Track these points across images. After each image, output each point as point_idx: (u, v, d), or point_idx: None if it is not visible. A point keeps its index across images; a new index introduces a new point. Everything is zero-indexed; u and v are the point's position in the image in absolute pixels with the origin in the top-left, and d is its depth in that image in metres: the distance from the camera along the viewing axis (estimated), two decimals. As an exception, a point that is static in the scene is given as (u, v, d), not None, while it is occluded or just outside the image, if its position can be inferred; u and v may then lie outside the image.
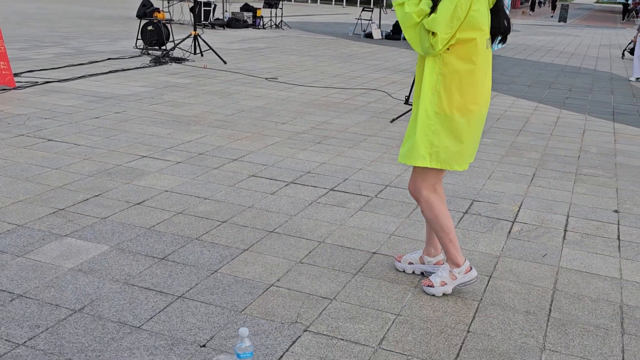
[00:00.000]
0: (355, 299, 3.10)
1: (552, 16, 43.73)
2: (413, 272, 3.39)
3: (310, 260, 3.52)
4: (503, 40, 3.08)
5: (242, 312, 2.92)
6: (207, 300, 3.02)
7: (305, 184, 4.85)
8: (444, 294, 3.18)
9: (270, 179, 4.94)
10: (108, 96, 7.81)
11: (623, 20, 47.05)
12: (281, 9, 20.73)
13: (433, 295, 3.18)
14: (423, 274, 3.38)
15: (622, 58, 17.00)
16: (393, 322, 2.92)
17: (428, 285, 3.18)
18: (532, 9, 47.56)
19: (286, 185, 4.80)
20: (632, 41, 16.40)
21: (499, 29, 2.96)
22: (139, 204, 4.23)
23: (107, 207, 4.13)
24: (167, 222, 3.94)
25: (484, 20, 2.82)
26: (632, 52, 16.45)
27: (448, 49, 2.81)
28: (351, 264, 3.50)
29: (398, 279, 3.34)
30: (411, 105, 8.19)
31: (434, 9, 2.74)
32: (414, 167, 3.09)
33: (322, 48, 15.19)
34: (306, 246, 3.70)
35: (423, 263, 3.37)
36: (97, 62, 10.57)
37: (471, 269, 3.17)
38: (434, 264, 3.35)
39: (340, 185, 4.87)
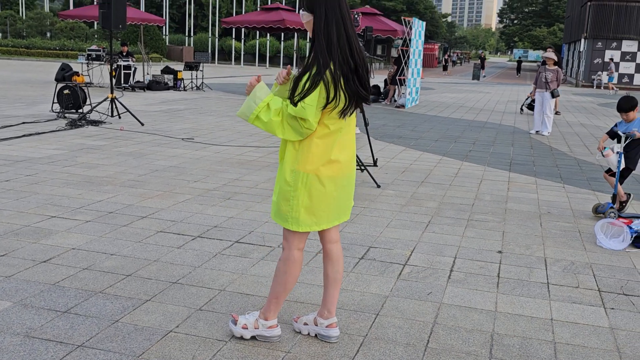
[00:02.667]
0: (250, 340, 3.32)
1: (484, 75, 45.51)
2: (308, 334, 3.42)
3: (210, 307, 3.72)
4: (360, 105, 3.19)
5: (140, 357, 3.08)
6: (106, 347, 3.17)
7: (212, 238, 5.07)
8: (242, 337, 3.31)
9: (178, 234, 5.13)
10: (20, 159, 7.85)
11: (517, 74, 50.04)
12: (202, 71, 21.12)
13: (230, 331, 3.35)
14: (317, 336, 3.41)
15: (521, 113, 18.11)
16: (283, 358, 3.14)
17: (232, 320, 3.34)
18: (445, 68, 49.81)
19: (193, 240, 5.00)
20: (528, 96, 17.53)
21: (358, 95, 3.05)
22: (44, 262, 4.34)
23: (11, 266, 4.22)
24: (72, 278, 4.06)
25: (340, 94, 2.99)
26: (529, 107, 17.60)
27: None
28: (248, 309, 3.72)
29: (291, 321, 3.58)
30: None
31: (294, 91, 2.98)
32: None
33: (241, 108, 15.58)
34: (207, 295, 3.90)
35: (316, 325, 3.40)
36: (11, 126, 10.55)
37: (277, 326, 3.31)
38: (326, 327, 3.37)
39: (245, 238, 5.11)
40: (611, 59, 34.27)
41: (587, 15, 36.75)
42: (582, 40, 37.57)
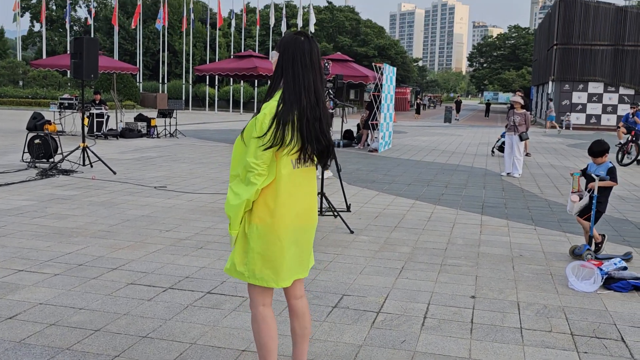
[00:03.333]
0: (220, 396, 3.25)
1: (457, 119, 45.79)
2: None
3: (180, 362, 3.65)
4: (322, 164, 3.14)
5: (106, 417, 3.00)
6: (71, 408, 3.07)
7: (183, 289, 5.00)
8: None
9: (149, 285, 5.06)
10: (-12, 211, 7.72)
11: (486, 117, 50.83)
12: (175, 118, 21.14)
13: None
14: None
15: (492, 155, 18.36)
16: (254, 414, 3.08)
17: None
18: (418, 112, 50.48)
19: (164, 291, 4.92)
20: (499, 139, 17.80)
21: (318, 144, 3.03)
22: (10, 318, 4.23)
23: (-24, 324, 4.11)
24: (38, 335, 3.96)
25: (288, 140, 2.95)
26: (500, 149, 17.86)
27: None
28: (220, 362, 3.65)
29: (263, 373, 3.52)
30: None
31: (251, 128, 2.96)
32: None
33: (215, 155, 15.57)
34: (177, 349, 3.83)
35: None
36: (-20, 177, 10.40)
37: None
38: None
39: (218, 288, 5.05)
40: (550, 99, 35.17)
41: (553, 59, 37.72)
42: (550, 82, 38.46)
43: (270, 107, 2.96)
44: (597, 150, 6.43)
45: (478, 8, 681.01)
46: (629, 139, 16.63)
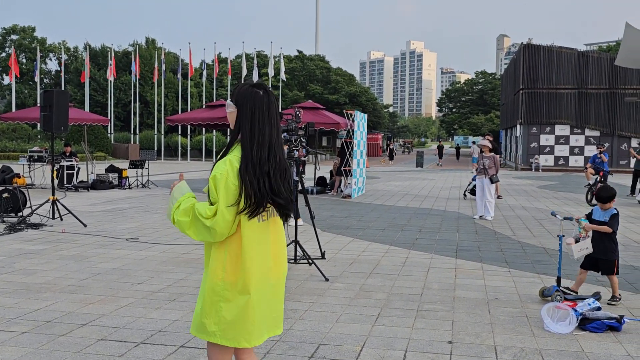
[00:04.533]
0: None
1: (439, 164, 45.71)
2: None
3: (152, 420, 3.53)
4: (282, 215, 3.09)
5: None
6: None
7: (155, 343, 4.89)
8: None
9: (120, 341, 4.93)
10: (-46, 269, 7.52)
11: (457, 160, 51.28)
12: (147, 168, 21.03)
13: None
14: None
15: (465, 198, 18.52)
16: None
17: None
18: (391, 157, 50.97)
19: (135, 346, 4.81)
20: (470, 182, 17.99)
21: (273, 201, 2.97)
22: (-26, 380, 4.08)
23: (-62, 387, 3.95)
24: (4, 397, 3.82)
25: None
26: (472, 192, 18.03)
27: None
28: (193, 419, 3.55)
29: None
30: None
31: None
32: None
33: (188, 205, 15.46)
34: (150, 406, 3.71)
35: None
36: (-55, 233, 10.17)
37: None
38: None
39: (191, 342, 4.95)
40: (473, 142, 36.07)
41: (520, 103, 38.54)
42: (518, 125, 39.20)
43: (231, 164, 2.90)
44: (606, 196, 6.41)
45: (445, 55, 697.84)
46: (597, 179, 16.91)
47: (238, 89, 3.04)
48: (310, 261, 7.76)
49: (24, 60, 62.82)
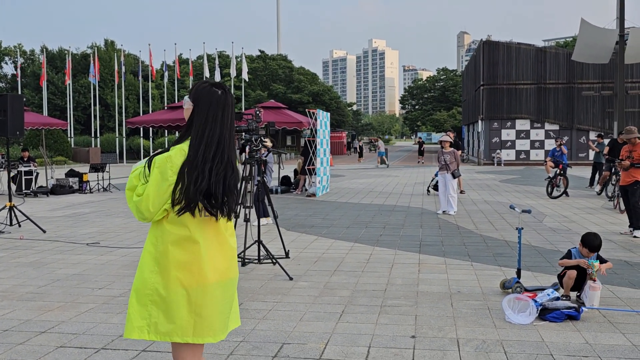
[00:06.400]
0: None
1: (421, 162, 45.36)
2: None
3: None
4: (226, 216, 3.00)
5: None
6: None
7: (116, 348, 4.81)
8: None
9: (80, 347, 4.84)
10: None
11: (421, 156, 51.44)
12: (108, 172, 20.72)
13: None
14: None
15: (428, 194, 18.67)
16: None
17: None
18: (361, 154, 51.05)
19: (96, 352, 4.72)
20: (433, 178, 18.15)
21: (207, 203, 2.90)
22: None
23: None
24: (-43, 409, 3.72)
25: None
26: (435, 187, 18.19)
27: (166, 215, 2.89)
28: None
29: None
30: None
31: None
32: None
33: (150, 208, 15.28)
34: (110, 413, 3.65)
35: None
36: None
37: None
38: None
39: (153, 346, 4.88)
40: (378, 138, 36.27)
41: (481, 99, 39.04)
42: (480, 121, 39.68)
43: (181, 152, 2.87)
44: (599, 244, 6.20)
45: (407, 52, 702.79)
46: (557, 172, 17.21)
47: (197, 86, 2.99)
48: (274, 261, 7.73)
49: (-22, 65, 61.34)
